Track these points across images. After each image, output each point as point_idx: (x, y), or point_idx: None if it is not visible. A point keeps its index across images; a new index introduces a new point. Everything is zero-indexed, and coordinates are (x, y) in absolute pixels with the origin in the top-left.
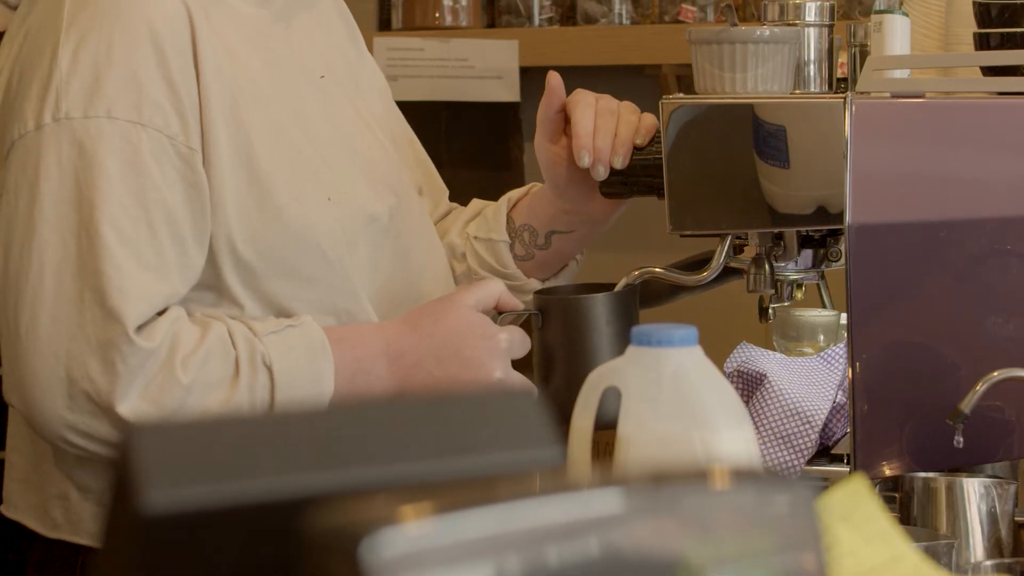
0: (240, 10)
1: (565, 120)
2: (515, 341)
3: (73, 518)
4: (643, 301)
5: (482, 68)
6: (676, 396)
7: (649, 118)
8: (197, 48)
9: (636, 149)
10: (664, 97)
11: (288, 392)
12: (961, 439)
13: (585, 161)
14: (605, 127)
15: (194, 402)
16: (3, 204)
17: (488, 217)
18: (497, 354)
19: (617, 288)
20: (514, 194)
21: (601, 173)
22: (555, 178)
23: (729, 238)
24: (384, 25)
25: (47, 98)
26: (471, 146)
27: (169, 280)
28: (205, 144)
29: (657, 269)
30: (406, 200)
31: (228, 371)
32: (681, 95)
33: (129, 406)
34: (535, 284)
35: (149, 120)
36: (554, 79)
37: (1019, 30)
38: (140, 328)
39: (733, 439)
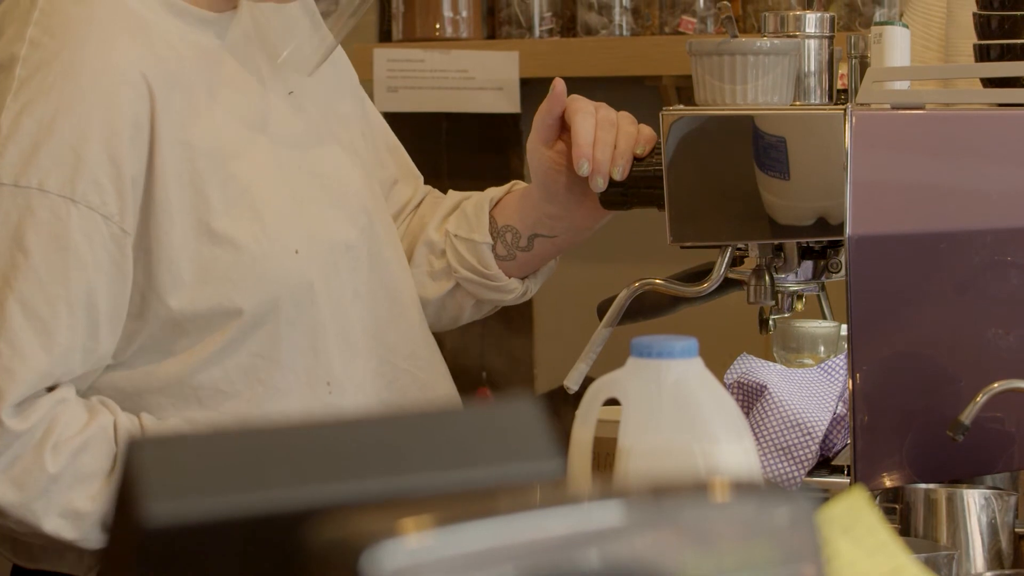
0: (201, 45)
1: (562, 126)
2: None
3: (53, 548)
4: (643, 313)
5: (482, 79)
6: (676, 408)
7: (647, 129)
8: (155, 123)
9: (636, 160)
10: (664, 108)
11: None
12: (961, 436)
13: (584, 170)
14: (605, 139)
15: (60, 491)
16: None
17: (469, 215)
18: None
19: (619, 298)
20: (495, 192)
21: (600, 184)
22: (547, 183)
23: (729, 249)
24: (384, 36)
25: None
26: (471, 157)
27: (68, 362)
28: (153, 218)
29: (657, 281)
30: (377, 215)
31: (105, 465)
32: (681, 106)
33: None
34: (515, 284)
35: (82, 197)
36: (559, 85)
37: (1019, 42)
38: (19, 405)
39: (733, 451)
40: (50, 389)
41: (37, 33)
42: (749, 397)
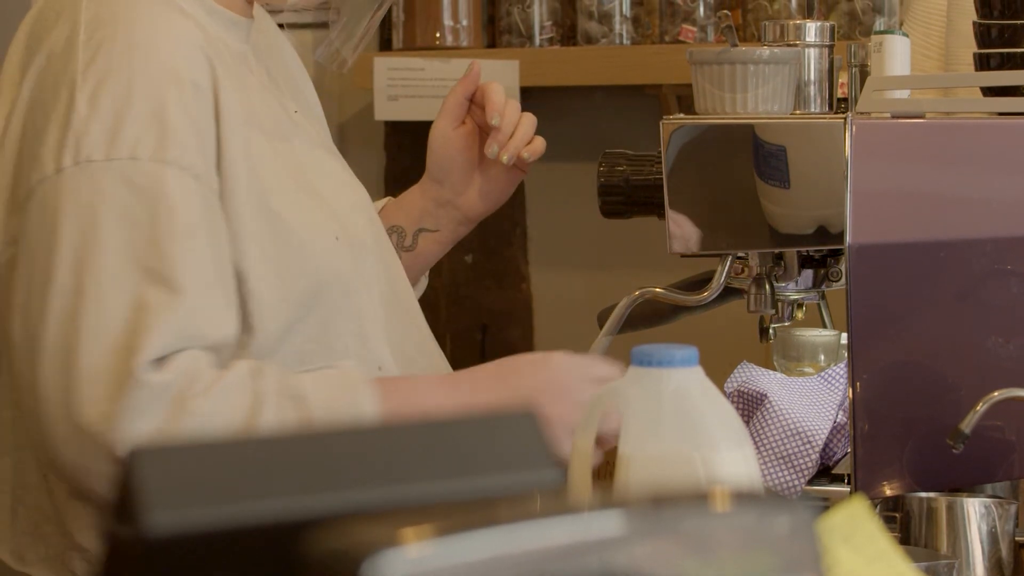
0: (231, 46)
1: (470, 110)
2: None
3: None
4: (644, 321)
5: None
6: (677, 416)
7: (541, 140)
8: (218, 89)
9: (517, 164)
10: (664, 117)
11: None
12: (961, 445)
13: (495, 121)
14: (511, 115)
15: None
16: (26, 248)
17: None
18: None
19: (619, 307)
20: (378, 202)
21: (495, 151)
22: (444, 164)
23: (729, 258)
24: (385, 45)
25: (66, 142)
26: None
27: (196, 320)
28: (224, 186)
29: (658, 289)
30: (377, 224)
31: (248, 402)
32: (682, 115)
33: (132, 441)
34: None
35: (174, 159)
36: (476, 66)
37: (1019, 50)
38: (158, 361)
39: (734, 459)
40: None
41: (89, 18)
42: (749, 405)
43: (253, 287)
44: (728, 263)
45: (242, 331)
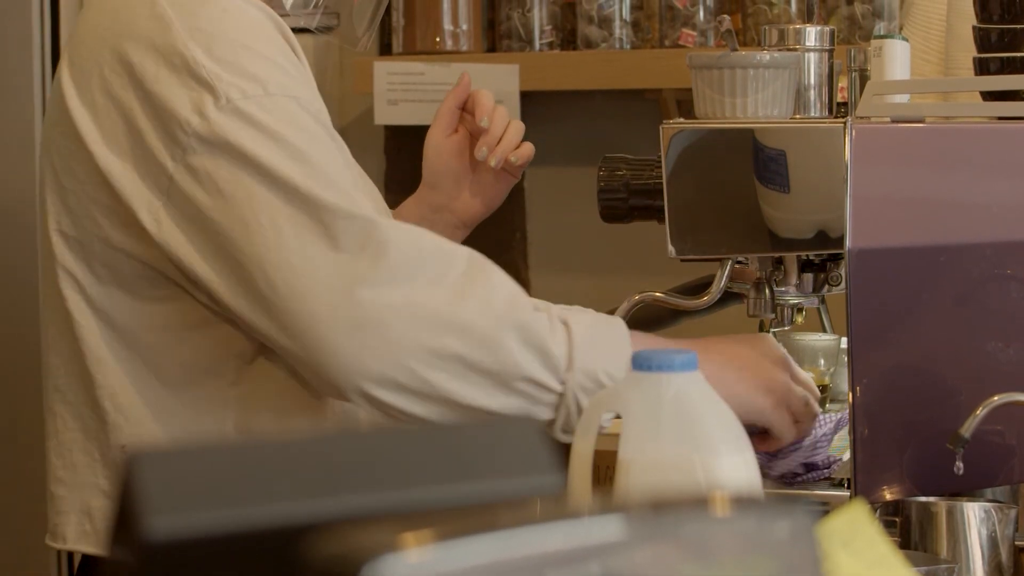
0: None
1: (460, 119)
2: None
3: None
4: (644, 325)
5: None
6: (677, 421)
7: (529, 146)
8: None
9: (505, 168)
10: (664, 121)
11: (588, 341)
12: (961, 465)
13: (485, 124)
14: (501, 122)
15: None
16: (209, 210)
17: None
18: (781, 397)
19: (619, 311)
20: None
21: (484, 153)
22: (437, 170)
23: (729, 262)
24: (385, 49)
25: (202, 96)
26: None
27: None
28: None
29: (658, 294)
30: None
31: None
32: (681, 119)
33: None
34: None
35: (298, 94)
36: (466, 78)
37: (1019, 55)
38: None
39: (734, 464)
40: None
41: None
42: None
43: None
44: (728, 267)
45: None
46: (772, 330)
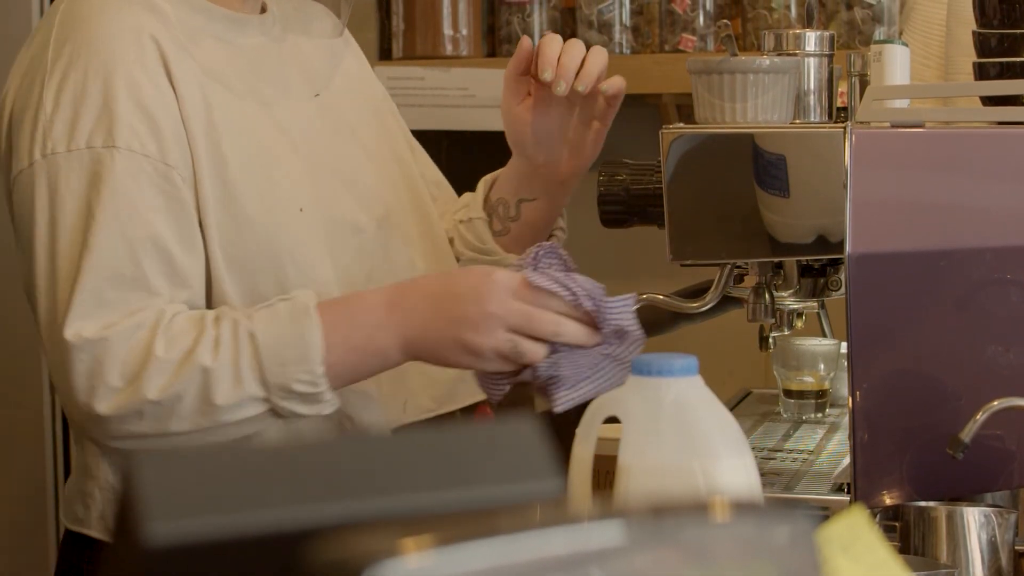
0: (222, 37)
1: (531, 83)
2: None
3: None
4: (643, 330)
5: (483, 97)
6: (676, 425)
7: (619, 79)
8: (170, 71)
9: (605, 97)
10: (664, 126)
11: (274, 356)
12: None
13: (548, 76)
14: (572, 52)
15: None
16: (16, 233)
17: (468, 200)
18: (493, 346)
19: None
20: (490, 175)
21: (563, 88)
22: (518, 139)
23: (729, 267)
24: (385, 54)
25: (36, 136)
26: (472, 174)
27: (150, 289)
28: (192, 157)
29: (659, 296)
30: (399, 213)
31: (193, 334)
32: (681, 124)
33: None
34: (513, 259)
35: (124, 143)
36: (527, 42)
37: (1018, 60)
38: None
39: (733, 468)
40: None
41: (62, 19)
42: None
43: (211, 251)
44: (727, 272)
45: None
46: (772, 335)
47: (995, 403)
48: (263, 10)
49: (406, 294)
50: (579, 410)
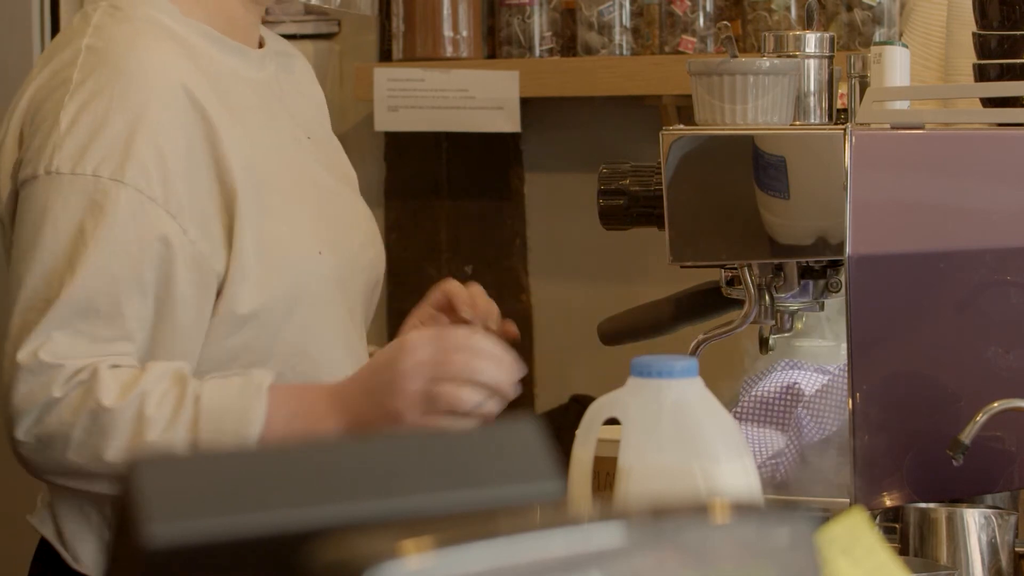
0: (240, 73)
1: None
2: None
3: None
4: (644, 332)
5: (483, 99)
6: (677, 427)
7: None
8: (208, 117)
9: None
10: (664, 128)
11: (213, 422)
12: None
13: (468, 314)
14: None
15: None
16: (13, 237)
17: None
18: (412, 404)
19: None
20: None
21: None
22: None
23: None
24: (385, 56)
25: (44, 152)
26: (472, 176)
27: (123, 329)
28: (234, 207)
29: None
30: (380, 246)
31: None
32: (681, 126)
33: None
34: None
35: (131, 180)
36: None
37: (1019, 61)
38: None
39: (733, 470)
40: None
41: (91, 42)
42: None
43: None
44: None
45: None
46: (772, 336)
47: (995, 404)
48: (260, 45)
49: (347, 383)
50: (579, 411)
